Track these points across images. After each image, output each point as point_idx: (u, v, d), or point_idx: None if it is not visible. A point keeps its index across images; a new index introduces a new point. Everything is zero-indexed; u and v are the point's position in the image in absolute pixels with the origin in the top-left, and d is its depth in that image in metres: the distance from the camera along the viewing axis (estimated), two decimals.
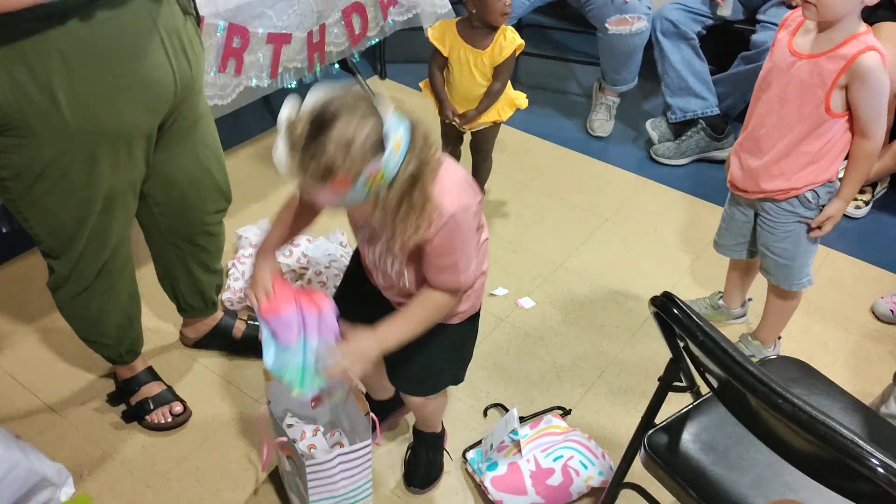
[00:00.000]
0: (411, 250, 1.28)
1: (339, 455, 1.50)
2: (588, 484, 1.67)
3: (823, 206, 1.72)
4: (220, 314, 1.98)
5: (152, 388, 1.83)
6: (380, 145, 1.13)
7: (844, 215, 2.61)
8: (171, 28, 1.38)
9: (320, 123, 1.11)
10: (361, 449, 1.52)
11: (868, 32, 1.55)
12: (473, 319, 1.51)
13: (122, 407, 1.85)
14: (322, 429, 1.70)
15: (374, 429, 1.56)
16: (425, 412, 1.68)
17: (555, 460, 1.66)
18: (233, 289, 2.12)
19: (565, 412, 1.90)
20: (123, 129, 1.37)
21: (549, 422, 1.75)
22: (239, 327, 1.98)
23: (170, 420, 1.81)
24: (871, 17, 2.61)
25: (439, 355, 1.49)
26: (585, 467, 1.66)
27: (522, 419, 1.83)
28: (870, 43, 1.53)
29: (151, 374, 1.85)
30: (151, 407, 1.80)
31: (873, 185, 2.67)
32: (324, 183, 1.12)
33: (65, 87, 1.26)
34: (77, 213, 1.45)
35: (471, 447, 1.79)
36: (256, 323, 1.92)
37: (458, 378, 1.59)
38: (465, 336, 1.53)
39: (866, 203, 2.64)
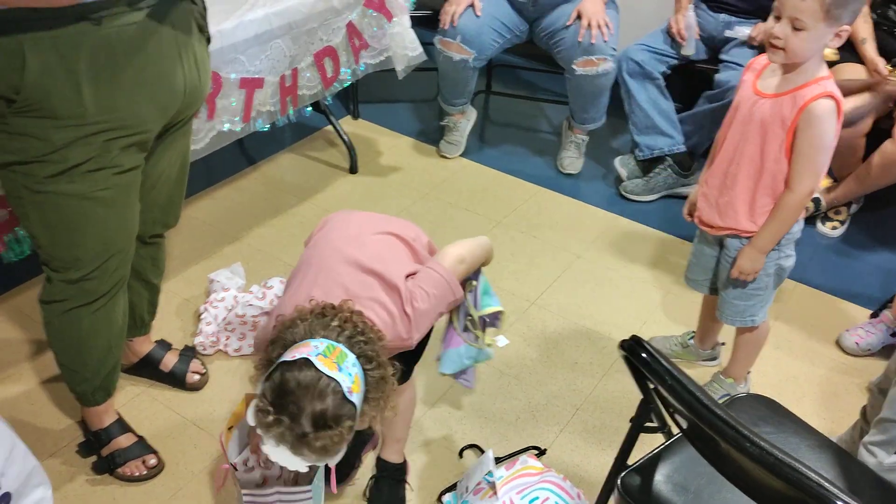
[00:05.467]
0: None
1: (276, 492, 1.53)
2: None
3: (785, 248, 1.76)
4: (152, 344, 2.01)
5: (124, 441, 1.80)
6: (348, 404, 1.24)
7: (820, 234, 2.69)
8: (185, 40, 1.49)
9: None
10: (301, 493, 1.55)
11: (829, 77, 1.59)
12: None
13: (94, 458, 1.82)
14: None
15: (328, 479, 1.58)
16: (399, 412, 1.66)
17: (531, 502, 1.66)
18: (205, 333, 2.11)
19: (540, 452, 1.90)
20: (136, 122, 1.45)
21: (525, 462, 1.75)
22: (169, 360, 2.00)
23: (144, 473, 1.79)
24: None
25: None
26: None
27: (498, 460, 1.83)
28: (828, 89, 1.56)
29: (122, 427, 1.83)
30: (124, 459, 1.78)
31: (847, 205, 2.74)
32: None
33: (89, 78, 1.34)
34: (79, 210, 1.47)
35: (447, 490, 1.79)
36: (188, 356, 2.03)
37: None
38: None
39: (842, 223, 2.72)
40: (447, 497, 1.76)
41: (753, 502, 1.14)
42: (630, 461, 1.39)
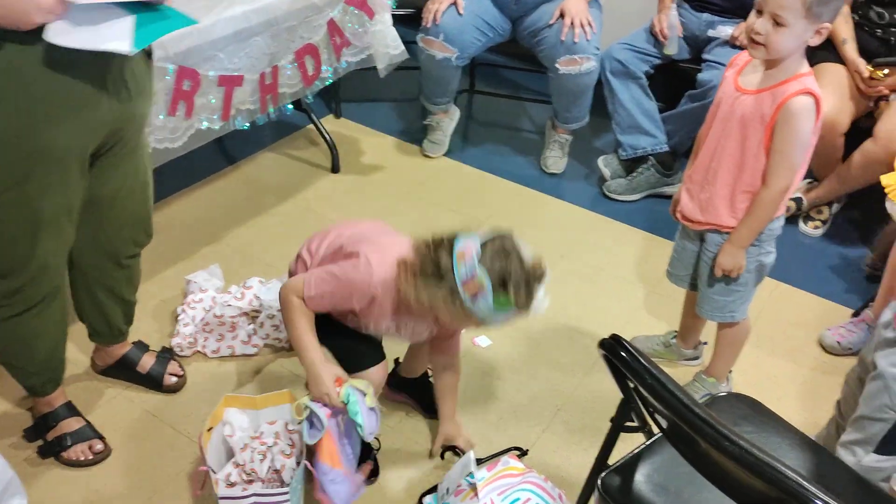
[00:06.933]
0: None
1: (253, 494, 1.53)
2: None
3: (766, 244, 1.76)
4: (128, 345, 1.98)
5: (71, 424, 1.80)
6: None
7: (802, 233, 2.70)
8: (115, 60, 1.42)
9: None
10: (279, 495, 1.54)
11: (809, 74, 1.60)
12: None
13: (39, 442, 1.81)
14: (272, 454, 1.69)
15: (311, 479, 1.58)
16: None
17: (512, 503, 1.64)
18: (182, 334, 2.08)
19: (522, 453, 1.89)
20: (55, 149, 1.42)
21: (507, 463, 1.73)
22: (146, 362, 1.98)
23: (90, 457, 1.78)
24: (812, 58, 2.71)
25: None
26: None
27: (479, 461, 1.81)
28: (807, 85, 1.57)
29: (70, 410, 1.82)
30: (69, 443, 1.78)
31: (829, 204, 2.75)
32: None
33: (8, 103, 1.32)
34: (5, 234, 1.47)
35: (427, 492, 1.77)
36: (166, 357, 2.01)
37: None
38: None
39: (824, 222, 2.74)
40: (428, 499, 1.74)
41: (734, 502, 1.13)
42: (612, 461, 1.38)
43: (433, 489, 1.77)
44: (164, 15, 1.38)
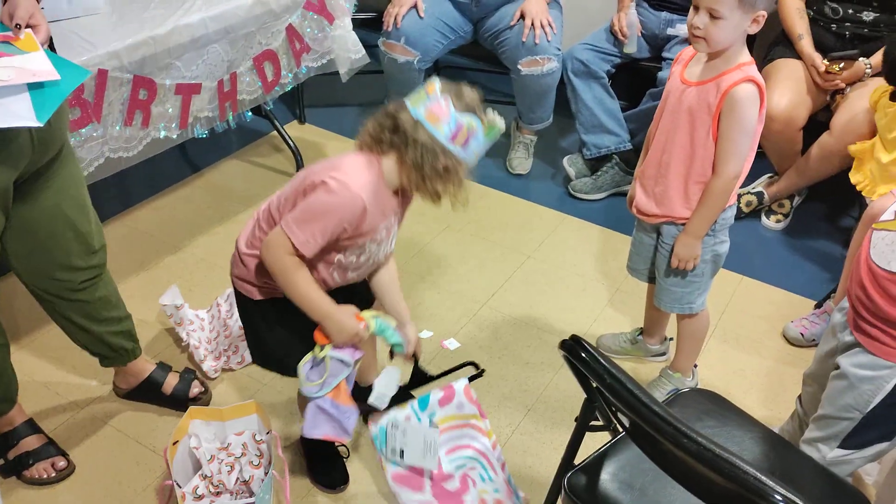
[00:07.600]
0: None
1: None
2: (481, 497, 1.71)
3: (719, 234, 1.79)
4: (150, 366, 1.94)
5: (32, 442, 1.77)
6: None
7: (765, 227, 2.73)
8: None
9: None
10: None
11: (751, 63, 1.63)
12: None
13: (0, 461, 1.78)
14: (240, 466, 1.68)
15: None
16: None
17: (457, 468, 1.68)
18: (208, 357, 2.07)
19: (478, 371, 1.85)
20: None
21: (462, 407, 1.74)
22: (170, 382, 1.94)
23: (53, 475, 1.75)
24: (768, 53, 2.76)
25: None
26: (483, 480, 1.70)
27: (434, 377, 1.81)
28: (750, 74, 1.61)
29: (32, 427, 1.79)
30: (31, 461, 1.75)
31: (790, 198, 2.79)
32: None
33: None
34: None
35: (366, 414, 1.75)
36: (189, 377, 1.97)
37: None
38: None
39: (786, 216, 2.77)
40: (374, 429, 1.71)
41: (697, 499, 1.14)
42: (581, 459, 1.38)
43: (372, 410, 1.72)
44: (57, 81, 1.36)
